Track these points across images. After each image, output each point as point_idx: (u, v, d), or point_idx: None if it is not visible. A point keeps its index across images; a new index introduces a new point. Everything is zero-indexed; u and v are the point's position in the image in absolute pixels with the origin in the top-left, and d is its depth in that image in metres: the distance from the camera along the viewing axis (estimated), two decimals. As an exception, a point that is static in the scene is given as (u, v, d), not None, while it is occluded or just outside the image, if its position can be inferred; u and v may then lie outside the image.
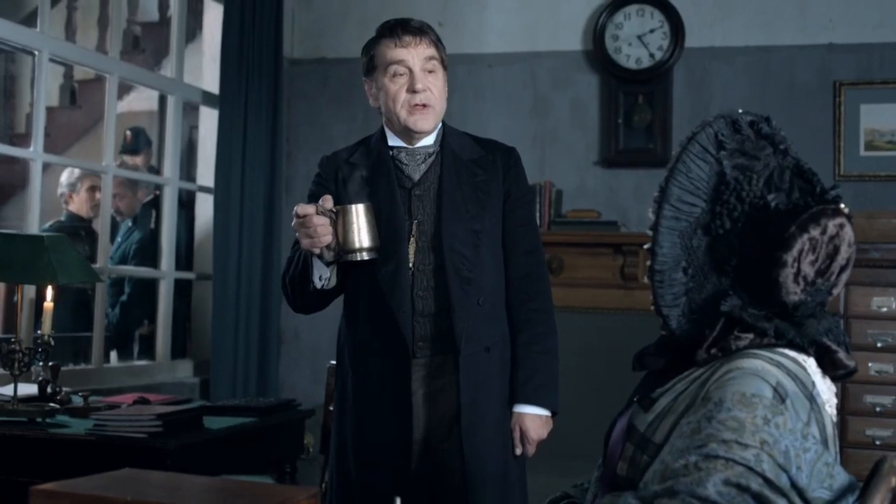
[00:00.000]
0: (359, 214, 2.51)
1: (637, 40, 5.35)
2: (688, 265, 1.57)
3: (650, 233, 1.59)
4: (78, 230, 5.17)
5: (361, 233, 2.51)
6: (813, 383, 1.53)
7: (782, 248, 1.53)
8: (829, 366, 1.59)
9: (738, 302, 1.56)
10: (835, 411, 1.57)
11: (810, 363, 1.56)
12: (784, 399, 1.46)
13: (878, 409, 4.51)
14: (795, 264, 1.54)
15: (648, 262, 1.59)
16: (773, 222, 1.55)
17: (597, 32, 5.40)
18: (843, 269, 1.58)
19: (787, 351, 1.55)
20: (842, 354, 1.59)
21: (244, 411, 3.52)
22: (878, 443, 4.47)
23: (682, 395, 1.58)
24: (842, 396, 4.54)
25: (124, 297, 5.47)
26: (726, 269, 1.58)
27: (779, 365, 1.51)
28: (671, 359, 1.66)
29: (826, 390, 1.56)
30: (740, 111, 1.65)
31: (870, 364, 4.53)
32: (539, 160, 5.48)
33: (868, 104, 5.10)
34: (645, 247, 1.59)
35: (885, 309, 4.56)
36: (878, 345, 4.53)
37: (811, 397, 1.50)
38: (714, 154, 1.61)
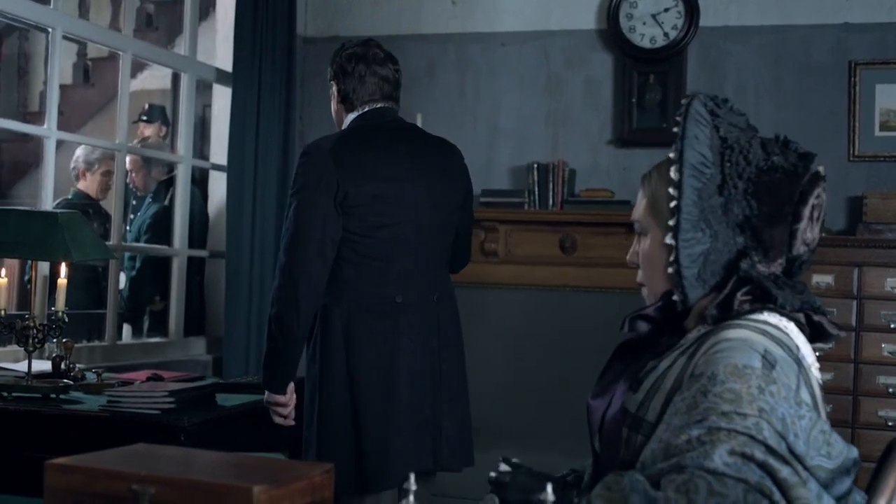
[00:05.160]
0: None
1: (651, 19, 5.32)
2: (706, 225, 1.59)
3: (673, 191, 1.60)
4: (86, 208, 5.17)
5: None
6: (797, 346, 1.57)
7: (800, 203, 1.61)
8: (815, 334, 1.65)
9: (754, 262, 1.61)
10: (819, 375, 1.61)
11: (791, 328, 1.59)
12: (773, 366, 1.48)
13: (890, 389, 4.50)
14: (808, 219, 1.63)
15: (672, 222, 1.60)
16: (783, 181, 1.62)
17: (611, 11, 5.37)
18: (820, 231, 1.68)
19: (767, 318, 1.57)
20: (826, 322, 1.65)
21: (257, 389, 3.53)
22: (890, 424, 4.46)
23: (668, 371, 1.59)
24: (854, 377, 4.54)
25: (133, 273, 5.49)
26: (742, 227, 1.61)
27: (763, 332, 1.54)
28: (659, 327, 1.69)
29: (809, 354, 1.59)
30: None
31: (883, 345, 4.52)
32: (552, 139, 5.46)
33: (883, 84, 5.05)
34: (671, 205, 1.60)
35: (898, 290, 4.54)
36: (892, 325, 4.52)
37: (798, 360, 1.53)
38: (709, 120, 1.66)
